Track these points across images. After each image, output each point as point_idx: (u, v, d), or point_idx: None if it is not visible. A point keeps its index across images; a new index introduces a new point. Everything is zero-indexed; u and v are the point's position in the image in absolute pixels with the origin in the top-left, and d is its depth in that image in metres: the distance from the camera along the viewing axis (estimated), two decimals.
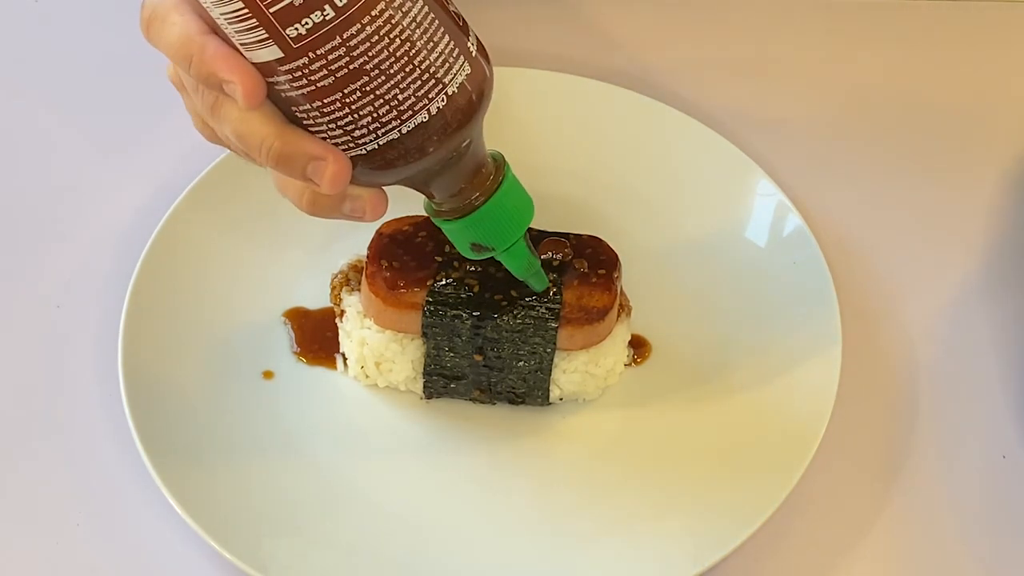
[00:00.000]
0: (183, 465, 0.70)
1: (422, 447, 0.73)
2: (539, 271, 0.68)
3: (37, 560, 0.70)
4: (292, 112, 0.57)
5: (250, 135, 0.58)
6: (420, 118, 0.57)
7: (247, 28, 0.55)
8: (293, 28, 0.54)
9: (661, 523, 0.70)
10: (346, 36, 0.54)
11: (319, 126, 0.57)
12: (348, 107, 0.56)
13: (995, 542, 0.72)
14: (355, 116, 0.56)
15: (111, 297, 0.77)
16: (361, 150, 0.58)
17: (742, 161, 0.82)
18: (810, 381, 0.73)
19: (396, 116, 0.57)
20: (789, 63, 0.91)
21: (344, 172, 0.57)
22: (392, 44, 0.55)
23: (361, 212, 0.61)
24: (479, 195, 0.62)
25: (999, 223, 0.83)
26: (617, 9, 0.93)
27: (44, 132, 0.86)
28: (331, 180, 0.57)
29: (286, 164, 0.58)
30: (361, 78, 0.55)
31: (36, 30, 0.91)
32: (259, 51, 0.55)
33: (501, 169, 0.62)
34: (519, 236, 0.64)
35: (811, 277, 0.77)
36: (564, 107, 0.85)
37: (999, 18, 0.93)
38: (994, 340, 0.78)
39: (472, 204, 0.62)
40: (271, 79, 0.56)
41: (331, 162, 0.57)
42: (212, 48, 0.56)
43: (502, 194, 0.62)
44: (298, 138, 0.57)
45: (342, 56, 0.55)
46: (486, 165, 0.62)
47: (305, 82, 0.56)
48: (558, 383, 0.73)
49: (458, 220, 0.63)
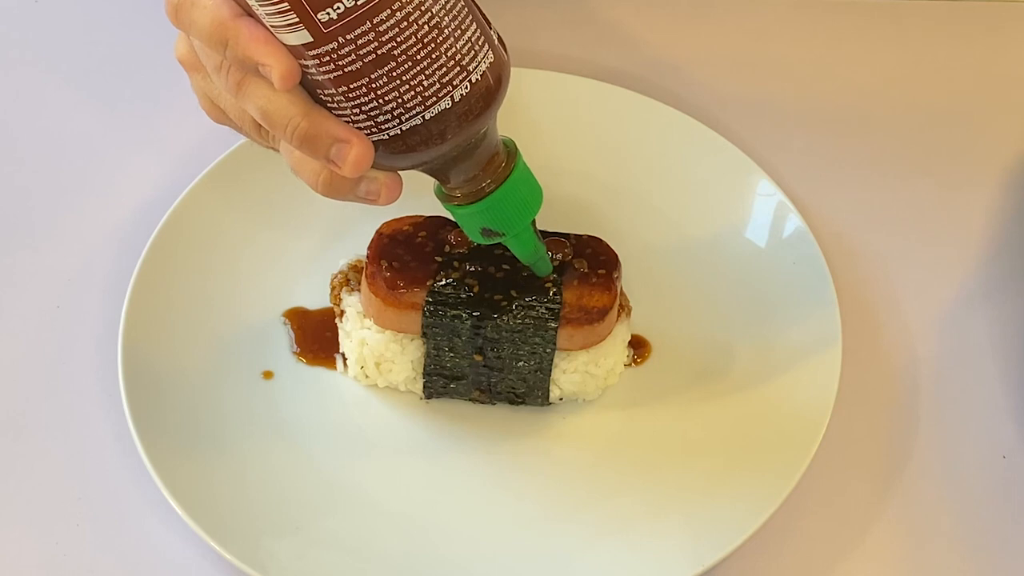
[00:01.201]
0: (183, 465, 0.70)
1: (422, 447, 0.73)
2: (544, 256, 0.69)
3: (37, 560, 0.70)
4: (317, 95, 0.58)
5: (277, 113, 0.58)
6: (444, 104, 0.57)
7: (278, 11, 0.55)
8: (324, 13, 0.54)
9: (661, 523, 0.70)
10: (376, 22, 0.55)
11: (343, 109, 0.57)
12: (374, 92, 0.56)
13: (995, 542, 0.72)
14: (380, 101, 0.57)
15: (111, 297, 0.77)
16: (384, 135, 0.58)
17: (742, 161, 0.82)
18: (810, 381, 0.74)
19: (421, 102, 0.57)
20: (790, 63, 0.91)
21: (367, 156, 0.58)
22: (421, 31, 0.56)
23: (376, 195, 0.61)
24: (491, 181, 0.62)
25: (999, 223, 0.83)
26: (617, 9, 0.93)
27: (44, 132, 0.86)
28: (353, 163, 0.58)
29: (311, 144, 0.58)
30: (388, 64, 0.56)
31: (36, 30, 0.91)
32: (289, 35, 0.55)
33: (513, 156, 0.63)
34: (529, 221, 0.65)
35: (811, 277, 0.77)
36: (564, 107, 0.85)
37: (999, 18, 0.93)
38: (994, 340, 0.78)
39: (484, 190, 0.62)
40: (299, 62, 0.56)
41: (355, 145, 0.58)
42: (247, 31, 0.56)
43: (514, 180, 0.63)
44: (324, 119, 0.58)
45: (371, 42, 0.55)
46: (499, 152, 0.62)
47: (333, 67, 0.56)
48: (558, 383, 0.73)
49: (470, 205, 0.63)
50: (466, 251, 0.72)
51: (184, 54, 0.64)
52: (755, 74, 0.90)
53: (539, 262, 0.69)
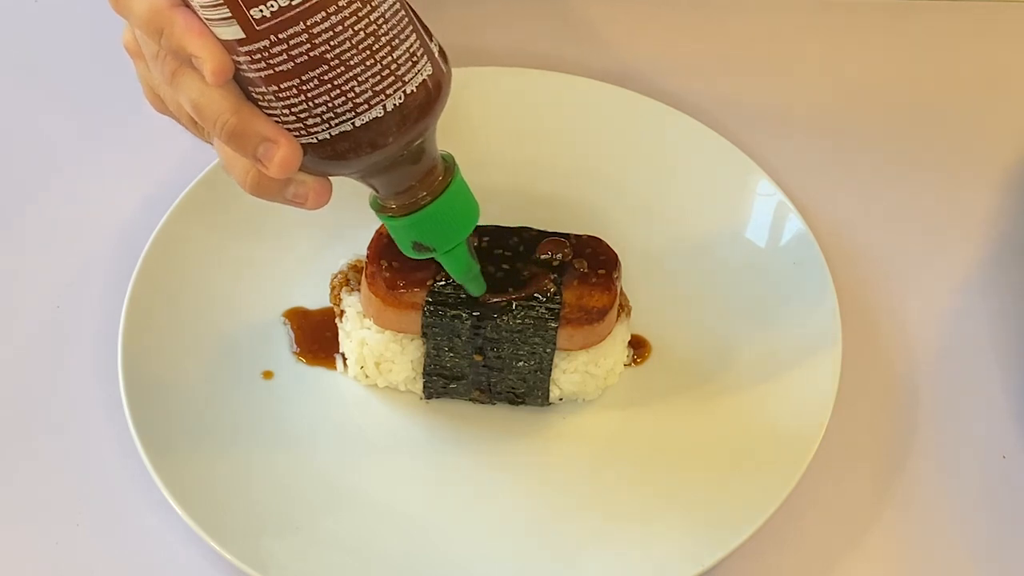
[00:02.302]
0: (183, 465, 0.70)
1: (422, 447, 0.73)
2: (477, 276, 0.68)
3: (37, 560, 0.70)
4: (250, 92, 0.57)
5: (207, 107, 0.57)
6: (375, 113, 0.57)
7: (212, 4, 0.54)
8: (258, 10, 0.54)
9: (661, 523, 0.70)
10: (309, 23, 0.54)
11: (274, 109, 0.57)
12: (304, 94, 0.56)
13: (995, 542, 0.72)
14: (311, 104, 0.56)
15: (111, 297, 0.77)
16: (313, 138, 0.57)
17: (742, 161, 0.82)
18: (810, 381, 0.73)
19: (351, 108, 0.56)
20: (790, 63, 0.91)
21: (293, 158, 0.57)
22: (356, 36, 0.55)
23: (303, 199, 0.60)
24: (426, 195, 0.61)
25: (999, 223, 0.83)
26: (618, 9, 0.93)
27: (44, 132, 0.86)
28: (280, 164, 0.57)
29: (238, 141, 0.58)
30: (320, 67, 0.55)
31: (36, 30, 0.91)
32: (222, 29, 0.55)
33: (451, 171, 0.62)
34: (462, 239, 0.64)
35: (811, 277, 0.77)
36: (564, 107, 0.85)
37: (999, 18, 0.93)
38: (994, 340, 0.78)
39: (418, 203, 0.62)
40: (232, 57, 0.56)
41: (282, 146, 0.57)
42: (183, 21, 0.56)
43: (449, 196, 0.62)
44: (253, 117, 0.57)
45: (304, 43, 0.55)
46: (436, 165, 0.61)
47: (264, 65, 0.55)
48: (558, 383, 0.73)
49: (402, 218, 0.62)
50: None
51: (128, 41, 0.63)
52: (755, 74, 0.90)
53: (471, 281, 0.68)
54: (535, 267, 0.72)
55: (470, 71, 0.84)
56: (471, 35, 0.90)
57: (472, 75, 0.84)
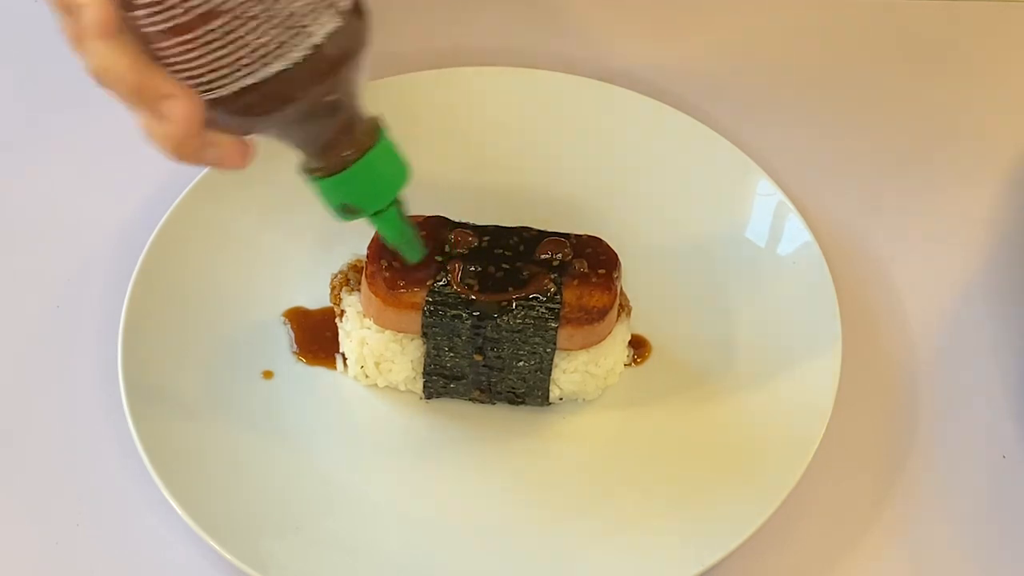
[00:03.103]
0: (183, 465, 0.70)
1: (422, 447, 0.73)
2: (411, 240, 0.67)
3: (37, 560, 0.70)
4: (151, 50, 0.56)
5: (109, 70, 0.56)
6: (278, 65, 0.56)
7: None
8: None
9: (661, 523, 0.70)
10: None
11: (175, 66, 0.56)
12: (205, 47, 0.55)
13: (995, 542, 0.72)
14: (211, 57, 0.55)
15: (111, 297, 0.77)
16: (216, 93, 0.56)
17: (742, 161, 0.82)
18: (810, 381, 0.73)
19: (253, 61, 0.55)
20: (789, 63, 0.91)
21: (194, 111, 0.56)
22: None
23: (220, 160, 0.59)
24: (350, 153, 0.61)
25: (999, 223, 0.83)
26: (618, 9, 0.93)
27: (44, 132, 0.86)
28: (181, 119, 0.56)
29: (140, 99, 0.57)
30: (218, 19, 0.54)
31: (36, 30, 0.91)
32: None
33: (377, 131, 0.61)
34: (389, 200, 0.63)
35: (811, 277, 0.77)
36: (565, 107, 0.85)
37: (999, 18, 0.93)
38: (994, 340, 0.78)
39: (343, 161, 0.61)
40: (130, 13, 0.55)
41: (181, 100, 0.56)
42: None
43: (374, 155, 0.61)
44: (152, 74, 0.56)
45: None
46: (358, 125, 0.61)
47: (161, 18, 0.54)
48: (558, 383, 0.73)
49: (327, 178, 0.61)
50: (466, 251, 0.72)
51: None
52: (755, 74, 0.90)
53: (406, 246, 0.67)
54: (535, 267, 0.72)
55: (470, 71, 0.85)
56: (472, 35, 0.90)
57: (472, 75, 0.85)
